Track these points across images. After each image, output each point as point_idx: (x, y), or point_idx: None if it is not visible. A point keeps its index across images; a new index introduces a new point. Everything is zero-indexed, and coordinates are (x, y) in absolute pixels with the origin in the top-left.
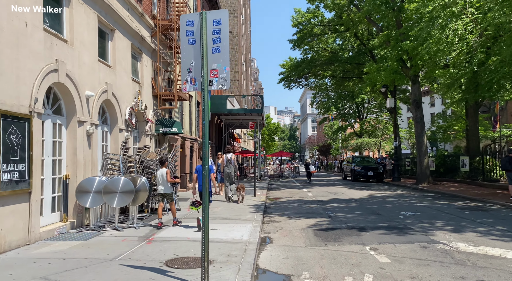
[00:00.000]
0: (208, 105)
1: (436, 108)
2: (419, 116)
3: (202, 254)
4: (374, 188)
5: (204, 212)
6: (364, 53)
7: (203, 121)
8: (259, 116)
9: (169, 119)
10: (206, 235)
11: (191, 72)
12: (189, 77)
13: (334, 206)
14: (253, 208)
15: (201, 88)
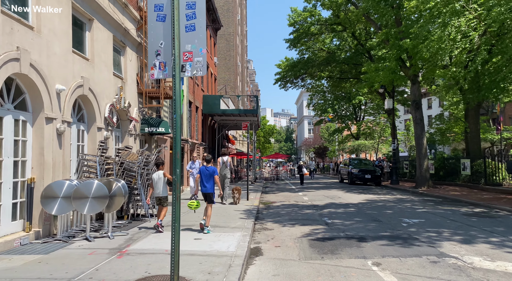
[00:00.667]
0: (181, 96)
1: (434, 110)
2: (419, 118)
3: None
4: (372, 191)
5: (175, 225)
6: (361, 54)
7: (174, 115)
8: (254, 117)
9: (156, 118)
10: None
11: (160, 55)
12: (157, 62)
13: (331, 212)
14: (244, 213)
15: (172, 74)
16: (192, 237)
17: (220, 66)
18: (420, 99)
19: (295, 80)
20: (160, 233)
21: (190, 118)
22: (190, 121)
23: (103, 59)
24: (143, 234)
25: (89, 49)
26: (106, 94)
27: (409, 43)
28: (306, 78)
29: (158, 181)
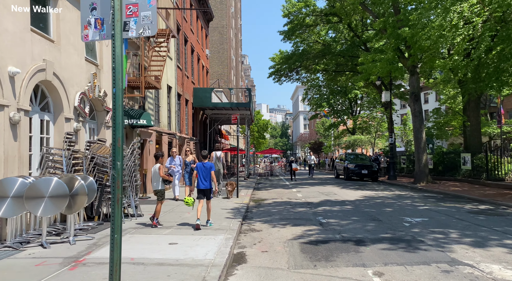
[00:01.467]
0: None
1: (430, 104)
2: (418, 110)
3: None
4: (369, 187)
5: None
6: (358, 46)
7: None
8: (247, 111)
9: (136, 109)
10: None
11: (96, 9)
12: (92, 18)
13: (325, 210)
14: (231, 212)
15: (111, 34)
16: (168, 241)
17: (213, 59)
18: (419, 91)
19: (289, 73)
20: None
21: (180, 112)
22: (180, 115)
23: (72, 42)
24: None
25: (54, 29)
26: (76, 81)
27: (408, 32)
28: (301, 72)
29: (154, 174)
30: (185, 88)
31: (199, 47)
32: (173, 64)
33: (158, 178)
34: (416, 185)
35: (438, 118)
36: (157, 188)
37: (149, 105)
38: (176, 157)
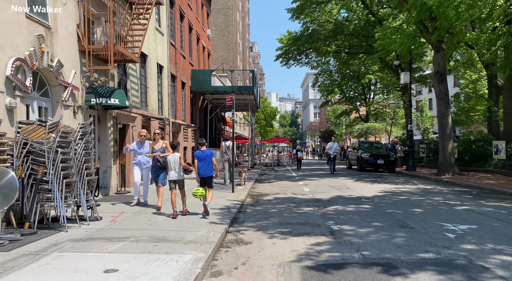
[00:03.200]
0: None
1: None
2: (443, 91)
3: None
4: (388, 180)
5: None
6: (373, 26)
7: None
8: (251, 96)
9: (106, 86)
10: None
11: None
12: None
13: (337, 210)
14: (219, 213)
15: None
16: (106, 265)
17: (218, 43)
18: (445, 70)
19: (298, 56)
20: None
21: (175, 95)
22: (175, 98)
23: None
24: (30, 258)
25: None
26: (9, 43)
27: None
28: (311, 54)
29: (174, 163)
30: (181, 70)
31: (199, 26)
32: (165, 41)
33: (178, 167)
34: (440, 176)
35: (462, 103)
36: (179, 178)
37: (132, 85)
38: (146, 142)
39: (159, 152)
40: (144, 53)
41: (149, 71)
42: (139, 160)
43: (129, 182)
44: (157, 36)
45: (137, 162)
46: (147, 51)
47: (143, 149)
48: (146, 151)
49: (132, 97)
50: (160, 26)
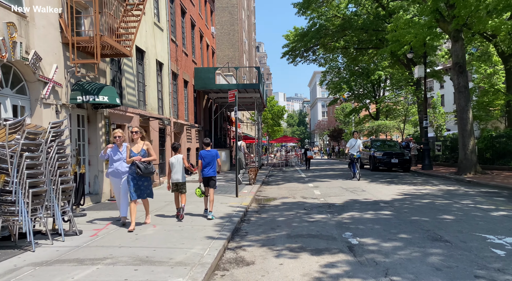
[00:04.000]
0: None
1: None
2: (463, 85)
3: None
4: (404, 180)
5: None
6: (382, 19)
7: None
8: (256, 94)
9: (94, 83)
10: None
11: None
12: None
13: (354, 218)
14: (218, 224)
15: None
16: None
17: (223, 42)
18: (465, 61)
19: (305, 53)
20: None
21: (176, 94)
22: (177, 98)
23: None
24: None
25: None
26: None
27: None
28: (319, 51)
29: (177, 165)
30: (184, 67)
31: (202, 23)
32: (165, 37)
33: (181, 170)
34: (461, 176)
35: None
36: (184, 180)
37: (128, 83)
38: (123, 145)
39: (139, 156)
40: (141, 48)
41: (148, 68)
42: (116, 168)
43: None
44: (156, 32)
45: (113, 171)
46: (145, 47)
47: (120, 154)
48: (122, 156)
49: (128, 95)
50: (159, 21)
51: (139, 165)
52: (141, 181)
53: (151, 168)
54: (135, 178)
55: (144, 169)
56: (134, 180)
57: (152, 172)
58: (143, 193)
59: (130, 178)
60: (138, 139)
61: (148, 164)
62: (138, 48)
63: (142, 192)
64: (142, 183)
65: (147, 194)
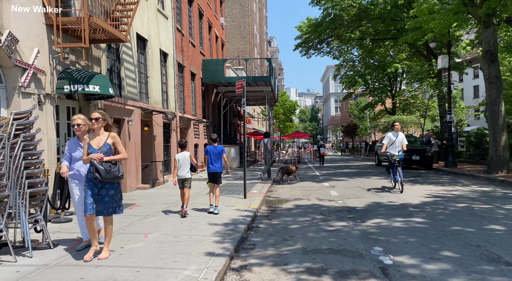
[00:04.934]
0: None
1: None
2: (494, 75)
3: None
4: (429, 179)
5: None
6: (401, 8)
7: None
8: (267, 87)
9: (84, 71)
10: None
11: None
12: None
13: (382, 226)
14: (220, 233)
15: None
16: None
17: (234, 35)
18: (496, 49)
19: (319, 45)
20: None
21: (183, 87)
22: (183, 91)
23: None
24: None
25: None
26: None
27: None
28: (333, 43)
29: (184, 161)
30: (190, 59)
31: (211, 13)
32: (170, 25)
33: (187, 166)
34: (492, 174)
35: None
36: (188, 176)
37: (128, 73)
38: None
39: (99, 154)
40: (142, 36)
41: (150, 58)
42: (77, 170)
43: (123, 186)
44: (159, 19)
45: (74, 173)
46: (147, 35)
47: (79, 150)
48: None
49: (127, 87)
50: (163, 8)
51: (98, 167)
52: (104, 189)
53: (116, 170)
54: (95, 184)
55: (105, 172)
56: (93, 188)
57: (118, 176)
58: (105, 206)
59: (87, 185)
60: (101, 130)
61: (113, 164)
62: (139, 36)
63: (103, 205)
64: (106, 193)
65: (113, 209)
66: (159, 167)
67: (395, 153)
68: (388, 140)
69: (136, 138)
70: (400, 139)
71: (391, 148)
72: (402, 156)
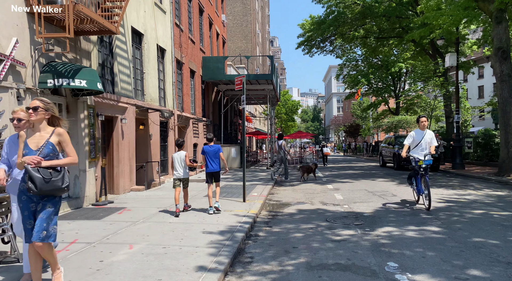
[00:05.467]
0: None
1: (486, 80)
2: (507, 72)
3: None
4: (438, 182)
5: None
6: (406, 6)
7: None
8: (269, 86)
9: (70, 63)
10: None
11: None
12: None
13: (394, 236)
14: (215, 243)
15: None
16: None
17: (235, 33)
18: (509, 46)
19: (322, 44)
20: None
21: (181, 85)
22: (182, 88)
23: None
24: None
25: None
26: None
27: None
28: (336, 41)
29: (179, 161)
30: (190, 56)
31: (212, 10)
32: (168, 20)
33: (184, 166)
34: (504, 177)
35: None
36: (186, 176)
37: (122, 69)
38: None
39: (36, 156)
40: (138, 30)
41: (146, 54)
42: (16, 178)
43: (115, 188)
44: (156, 13)
45: (13, 182)
46: (143, 29)
47: None
48: None
49: (121, 83)
50: (161, 2)
51: (34, 174)
52: (41, 203)
53: (58, 180)
54: (30, 198)
55: (43, 181)
56: (29, 204)
57: (61, 188)
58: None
59: (21, 200)
60: (43, 124)
61: (55, 171)
62: (134, 29)
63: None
64: (42, 210)
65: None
66: (155, 168)
67: (421, 157)
68: (412, 140)
69: (130, 138)
70: (428, 139)
71: (415, 151)
72: (430, 162)
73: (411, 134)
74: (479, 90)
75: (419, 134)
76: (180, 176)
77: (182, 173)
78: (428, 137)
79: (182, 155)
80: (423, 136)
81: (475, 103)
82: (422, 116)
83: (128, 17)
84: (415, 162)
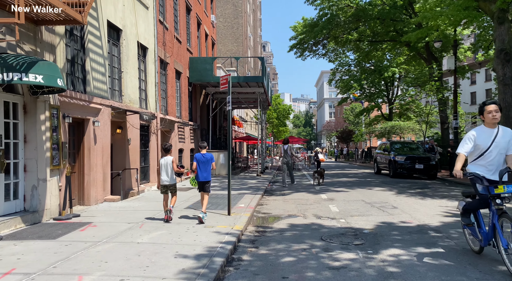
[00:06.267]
0: None
1: (478, 86)
2: (510, 76)
3: None
4: (439, 191)
5: None
6: (400, 9)
7: None
8: (260, 89)
9: (23, 55)
10: None
11: None
12: None
13: (403, 262)
14: (189, 270)
15: None
16: None
17: (226, 35)
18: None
19: (314, 47)
20: None
21: (166, 86)
22: (166, 90)
23: None
24: None
25: None
26: None
27: None
28: (329, 45)
29: (166, 167)
30: (175, 56)
31: (200, 9)
32: (151, 16)
33: (170, 171)
34: None
35: None
36: (171, 182)
37: (95, 66)
38: None
39: None
40: (115, 25)
41: (125, 51)
42: None
43: (85, 199)
44: (137, 8)
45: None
46: (122, 24)
47: None
48: None
49: (94, 82)
50: None
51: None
52: None
53: None
54: None
55: None
56: None
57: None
58: None
59: None
60: None
61: None
62: (111, 24)
63: None
64: None
65: None
66: (134, 175)
67: (495, 178)
68: (472, 144)
69: (104, 142)
70: (504, 143)
71: (479, 164)
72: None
73: (470, 137)
74: (472, 97)
75: (486, 135)
76: (167, 183)
77: (168, 179)
78: (503, 140)
79: (169, 160)
80: (494, 139)
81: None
82: (489, 102)
83: (104, 10)
84: (482, 184)
